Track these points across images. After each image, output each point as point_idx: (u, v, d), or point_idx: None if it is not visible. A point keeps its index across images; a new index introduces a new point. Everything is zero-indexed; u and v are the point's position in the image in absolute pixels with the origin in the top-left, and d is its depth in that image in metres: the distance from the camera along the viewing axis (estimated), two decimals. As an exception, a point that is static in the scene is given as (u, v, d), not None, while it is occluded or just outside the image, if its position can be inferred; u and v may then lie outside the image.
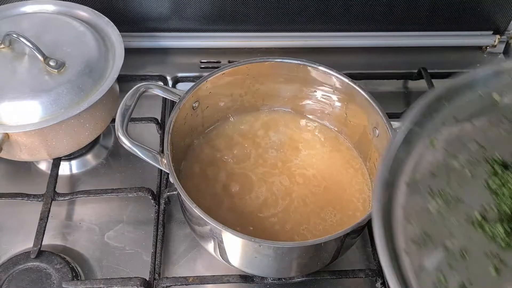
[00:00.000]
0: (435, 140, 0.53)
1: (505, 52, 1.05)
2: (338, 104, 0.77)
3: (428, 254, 0.46)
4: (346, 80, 0.72)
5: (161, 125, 0.85)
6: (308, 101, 0.80)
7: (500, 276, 0.44)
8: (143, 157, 0.65)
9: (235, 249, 0.62)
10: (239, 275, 0.67)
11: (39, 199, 0.73)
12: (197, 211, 0.58)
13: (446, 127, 0.54)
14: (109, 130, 0.87)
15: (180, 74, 0.96)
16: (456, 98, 0.55)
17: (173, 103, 0.71)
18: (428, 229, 0.47)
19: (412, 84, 0.98)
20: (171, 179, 0.65)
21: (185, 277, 0.67)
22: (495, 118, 0.54)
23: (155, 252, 0.71)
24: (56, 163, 0.78)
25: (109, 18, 0.83)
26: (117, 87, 0.82)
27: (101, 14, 0.83)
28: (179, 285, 0.67)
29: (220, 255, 0.65)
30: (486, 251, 0.46)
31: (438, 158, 0.52)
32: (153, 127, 0.85)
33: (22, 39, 0.71)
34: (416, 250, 0.46)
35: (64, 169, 0.82)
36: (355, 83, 0.72)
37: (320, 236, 0.68)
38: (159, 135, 0.85)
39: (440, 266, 0.45)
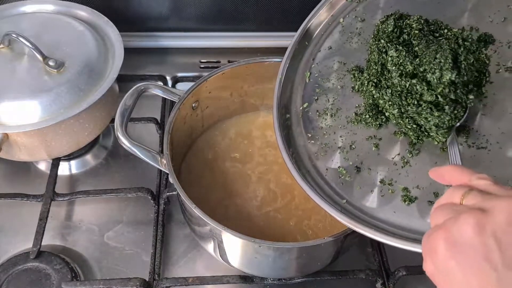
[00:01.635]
0: (308, 73, 0.67)
1: None
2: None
3: (328, 159, 0.60)
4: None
5: (161, 125, 0.85)
6: (308, 101, 0.81)
7: (379, 149, 0.59)
8: (143, 157, 0.65)
9: (235, 250, 0.62)
10: (239, 275, 0.67)
11: (39, 200, 0.73)
12: (196, 212, 0.58)
13: (314, 59, 0.67)
14: (109, 130, 0.87)
15: (179, 74, 0.96)
16: (312, 35, 0.69)
17: (173, 103, 0.71)
18: (324, 141, 0.62)
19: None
20: (170, 179, 0.65)
21: (185, 278, 0.67)
22: (345, 37, 0.67)
23: (155, 253, 0.70)
24: (55, 163, 0.78)
25: (109, 18, 0.82)
26: (116, 87, 0.81)
27: (101, 14, 0.83)
28: (179, 285, 0.67)
29: (220, 256, 0.65)
30: (366, 137, 0.60)
31: (315, 85, 0.66)
32: (152, 127, 0.85)
33: (21, 39, 0.71)
34: (320, 160, 0.60)
35: (64, 169, 0.81)
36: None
37: (320, 233, 0.69)
38: (158, 135, 0.85)
39: (339, 163, 0.59)
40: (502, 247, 0.35)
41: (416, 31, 0.57)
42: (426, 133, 0.56)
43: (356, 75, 0.63)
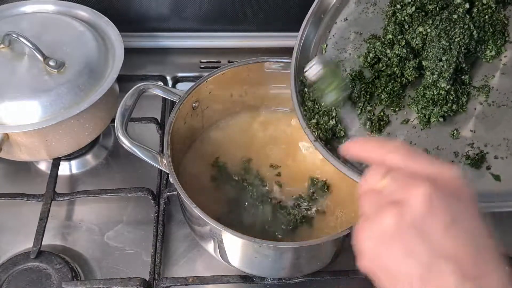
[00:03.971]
0: (325, 45, 0.67)
1: None
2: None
3: (348, 127, 0.62)
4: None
5: (161, 125, 0.85)
6: (308, 101, 0.81)
7: (398, 114, 0.60)
8: (143, 157, 0.65)
9: (235, 249, 0.62)
10: (239, 275, 0.67)
11: (39, 199, 0.73)
12: (197, 211, 0.58)
13: (330, 31, 0.68)
14: (109, 130, 0.87)
15: (180, 74, 0.96)
16: (328, 7, 0.69)
17: (173, 103, 0.71)
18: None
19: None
20: (171, 179, 0.65)
21: (185, 277, 0.67)
22: (361, 8, 0.67)
23: (155, 252, 0.70)
24: (55, 163, 0.78)
25: (109, 18, 0.82)
26: (117, 87, 0.81)
27: (101, 14, 0.83)
28: (179, 285, 0.67)
29: (220, 255, 0.65)
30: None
31: (332, 57, 0.66)
32: (153, 127, 0.85)
33: (22, 39, 0.71)
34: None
35: (64, 169, 0.81)
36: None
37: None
38: (159, 135, 0.85)
39: (358, 130, 0.61)
40: (424, 236, 0.36)
41: None
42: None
43: (371, 43, 0.63)
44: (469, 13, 0.57)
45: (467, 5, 0.57)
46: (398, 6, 0.60)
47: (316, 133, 0.60)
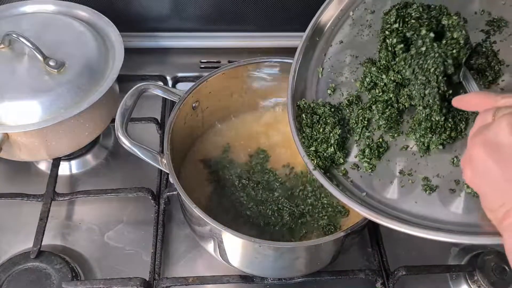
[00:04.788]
0: (320, 68, 0.66)
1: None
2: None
3: (346, 153, 0.61)
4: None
5: (161, 125, 0.85)
6: (308, 101, 0.81)
7: (397, 140, 0.59)
8: (143, 157, 0.65)
9: (235, 250, 0.62)
10: (239, 275, 0.67)
11: (39, 199, 0.73)
12: (197, 212, 0.58)
13: (325, 54, 0.67)
14: (109, 130, 0.87)
15: (180, 74, 0.96)
16: (323, 30, 0.68)
17: (173, 103, 0.71)
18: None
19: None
20: (171, 179, 0.65)
21: (185, 277, 0.67)
22: (356, 30, 0.66)
23: (155, 252, 0.70)
24: (55, 163, 0.78)
25: (109, 18, 0.83)
26: (117, 87, 0.81)
27: (101, 14, 0.83)
28: (179, 285, 0.67)
29: (220, 256, 0.65)
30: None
31: (328, 80, 0.66)
32: (153, 127, 0.85)
33: (22, 39, 0.71)
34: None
35: (64, 169, 0.81)
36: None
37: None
38: (159, 135, 0.85)
39: (357, 156, 0.60)
40: None
41: (413, 21, 0.56)
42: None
43: (367, 66, 0.62)
44: (436, 41, 0.55)
45: (431, 34, 0.55)
46: (387, 33, 0.59)
47: (315, 162, 0.59)
